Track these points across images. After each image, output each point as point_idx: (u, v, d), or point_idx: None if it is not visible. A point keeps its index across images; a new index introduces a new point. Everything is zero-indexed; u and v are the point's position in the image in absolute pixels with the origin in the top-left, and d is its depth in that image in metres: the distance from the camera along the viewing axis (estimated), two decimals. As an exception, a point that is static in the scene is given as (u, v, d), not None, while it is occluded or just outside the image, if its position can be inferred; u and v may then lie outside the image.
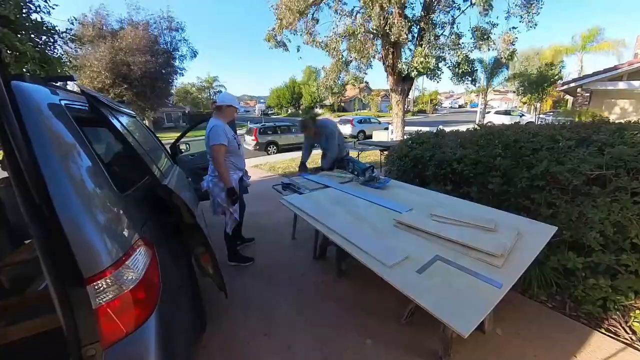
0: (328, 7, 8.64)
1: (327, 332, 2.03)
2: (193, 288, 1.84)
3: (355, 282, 2.57)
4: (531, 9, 7.61)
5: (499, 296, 1.33)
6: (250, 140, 12.29)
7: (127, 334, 0.98)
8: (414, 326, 2.02)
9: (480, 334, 1.89)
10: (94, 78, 15.53)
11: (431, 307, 1.29)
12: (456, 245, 1.77)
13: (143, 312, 1.05)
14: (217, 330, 2.07)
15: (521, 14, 7.81)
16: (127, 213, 1.16)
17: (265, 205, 4.70)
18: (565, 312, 2.08)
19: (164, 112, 30.62)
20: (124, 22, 17.57)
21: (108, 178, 1.15)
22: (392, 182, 3.11)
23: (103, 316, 0.93)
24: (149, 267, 1.12)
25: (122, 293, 0.97)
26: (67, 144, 1.04)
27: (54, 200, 0.85)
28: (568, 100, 16.34)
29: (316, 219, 2.27)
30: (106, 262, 0.94)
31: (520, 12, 7.81)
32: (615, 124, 3.03)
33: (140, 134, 2.36)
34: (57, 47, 6.03)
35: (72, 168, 1.00)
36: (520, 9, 7.79)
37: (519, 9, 7.80)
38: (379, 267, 1.59)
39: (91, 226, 0.94)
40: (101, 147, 2.13)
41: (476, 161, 2.91)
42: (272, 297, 2.45)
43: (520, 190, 2.48)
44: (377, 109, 39.89)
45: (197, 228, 1.65)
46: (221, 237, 2.95)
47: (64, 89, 1.37)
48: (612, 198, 2.00)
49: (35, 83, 1.10)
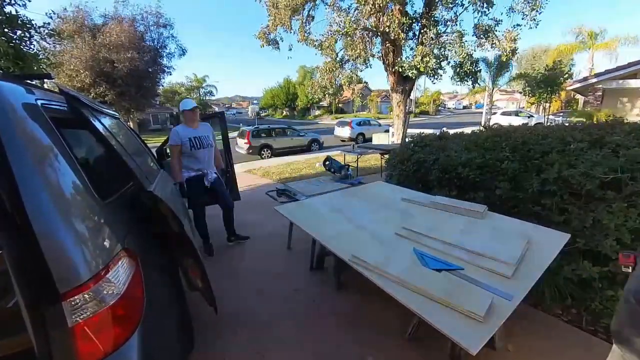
0: (324, 4, 8.75)
1: (326, 349, 2.00)
2: (180, 303, 1.81)
3: (355, 295, 2.55)
4: (535, 6, 7.78)
5: (510, 309, 1.33)
6: (242, 144, 12.27)
7: (107, 354, 0.96)
8: (418, 342, 2.00)
9: (490, 350, 1.87)
10: (73, 77, 15.47)
11: (437, 321, 1.28)
12: (462, 254, 1.77)
13: (125, 330, 1.02)
14: (205, 350, 2.03)
15: (524, 11, 7.98)
16: (108, 222, 1.14)
17: (259, 213, 4.67)
18: (581, 327, 2.07)
19: (150, 114, 30.62)
20: (107, 17, 17.59)
21: (88, 184, 1.13)
22: (377, 184, 3.70)
23: (80, 335, 0.90)
24: (132, 280, 1.10)
25: (102, 309, 0.95)
26: (43, 147, 1.02)
27: (27, 207, 0.83)
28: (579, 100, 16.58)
29: (313, 229, 2.27)
30: (84, 276, 0.91)
31: (523, 9, 7.98)
32: (630, 124, 3.06)
33: (124, 136, 2.34)
34: (34, 43, 5.98)
35: (49, 173, 0.98)
36: (523, 5, 7.95)
37: (523, 6, 7.96)
38: (382, 280, 1.58)
39: (68, 236, 0.92)
40: (81, 151, 2.10)
41: (482, 165, 2.92)
42: (266, 312, 2.42)
43: (530, 196, 2.49)
44: (377, 110, 40.21)
45: (186, 238, 1.63)
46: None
47: (40, 88, 1.36)
48: (629, 203, 2.01)
49: (9, 81, 1.09)
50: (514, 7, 8.13)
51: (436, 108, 44.00)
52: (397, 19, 7.78)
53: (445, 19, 8.54)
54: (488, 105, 21.41)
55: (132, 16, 17.79)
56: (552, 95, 16.50)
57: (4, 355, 1.36)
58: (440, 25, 8.46)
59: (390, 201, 2.94)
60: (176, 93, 36.03)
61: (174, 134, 3.15)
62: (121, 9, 17.74)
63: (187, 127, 3.19)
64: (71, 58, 15.27)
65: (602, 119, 5.62)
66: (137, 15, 18.00)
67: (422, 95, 43.82)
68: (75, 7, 16.44)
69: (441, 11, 8.39)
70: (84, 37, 15.71)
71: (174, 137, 3.12)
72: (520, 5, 8.01)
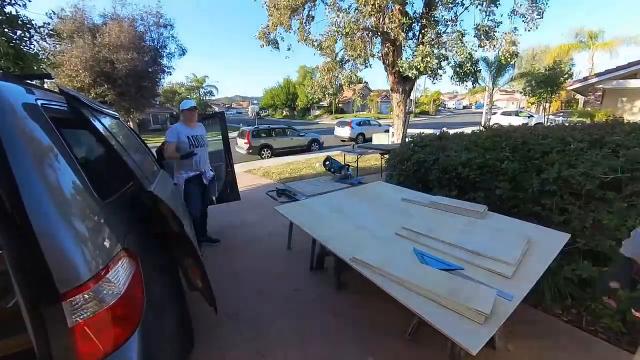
0: (324, 3, 8.75)
1: (326, 350, 2.00)
2: (180, 303, 1.81)
3: (355, 295, 2.55)
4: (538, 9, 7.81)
5: (510, 310, 1.33)
6: (242, 144, 12.26)
7: (107, 354, 0.96)
8: (418, 342, 2.00)
9: (490, 350, 1.87)
10: (73, 77, 15.46)
11: (437, 321, 1.28)
12: (462, 254, 1.77)
13: (125, 330, 1.02)
14: (205, 350, 2.03)
15: (525, 14, 8.00)
16: (108, 222, 1.14)
17: (259, 213, 4.68)
18: (581, 327, 2.07)
19: (150, 114, 30.59)
20: (107, 17, 17.58)
21: (88, 184, 1.13)
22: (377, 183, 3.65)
23: (80, 335, 0.90)
24: (132, 280, 1.10)
25: (102, 309, 0.95)
26: (43, 147, 1.02)
27: (27, 207, 0.83)
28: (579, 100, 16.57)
29: (313, 229, 2.27)
30: (84, 276, 0.91)
31: (525, 12, 8.00)
32: (630, 124, 3.06)
33: (124, 136, 2.34)
34: (34, 43, 5.98)
35: (49, 173, 0.98)
36: (527, 9, 7.97)
37: (526, 9, 7.98)
38: (382, 280, 1.59)
39: (68, 236, 0.92)
40: (81, 151, 2.10)
41: (482, 165, 2.92)
42: (266, 312, 2.42)
43: (530, 196, 2.50)
44: (377, 110, 40.20)
45: (186, 238, 1.63)
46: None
47: (41, 88, 1.36)
48: (629, 203, 2.01)
49: (9, 81, 1.09)
50: (516, 10, 8.14)
51: (436, 108, 43.98)
52: (397, 19, 7.78)
53: (445, 19, 8.53)
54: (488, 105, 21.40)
55: (131, 16, 17.78)
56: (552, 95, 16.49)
57: (5, 355, 1.36)
58: (440, 25, 8.45)
59: (390, 201, 2.94)
60: (176, 93, 36.01)
61: (172, 131, 3.19)
62: (120, 8, 17.75)
63: (186, 126, 3.24)
64: (71, 58, 15.25)
65: (602, 119, 5.61)
66: (136, 15, 18.00)
67: (422, 95, 43.81)
68: (73, 7, 16.44)
69: (441, 11, 8.39)
70: (84, 36, 15.70)
71: (172, 134, 3.16)
72: (524, 8, 8.02)
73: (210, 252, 3.45)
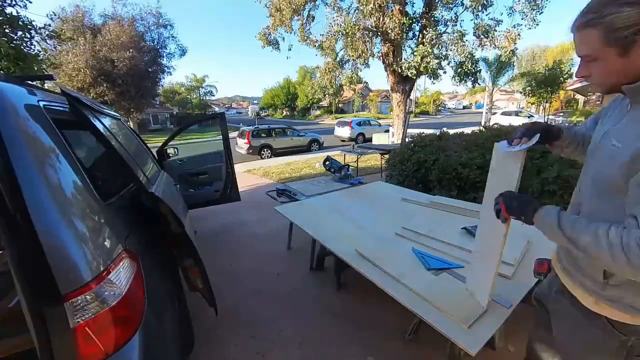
0: (325, 4, 8.76)
1: (326, 349, 2.01)
2: (180, 304, 1.81)
3: (355, 295, 2.55)
4: (536, 6, 7.80)
5: (510, 310, 1.33)
6: (242, 144, 12.27)
7: (108, 355, 0.96)
8: (418, 342, 2.00)
9: (490, 350, 1.88)
10: (73, 77, 15.47)
11: (436, 322, 1.28)
12: (462, 254, 1.77)
13: (126, 331, 1.02)
14: (205, 351, 2.03)
15: (524, 11, 7.99)
16: (110, 223, 1.14)
17: (259, 213, 4.68)
18: (580, 326, 2.07)
19: (150, 114, 30.62)
20: (107, 17, 17.60)
21: (90, 185, 1.14)
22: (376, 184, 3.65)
23: (81, 336, 0.91)
24: (133, 281, 1.10)
25: (103, 310, 0.95)
26: (45, 148, 1.03)
27: (29, 208, 0.83)
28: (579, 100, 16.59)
29: (313, 229, 2.28)
30: (86, 277, 0.92)
31: (524, 9, 8.00)
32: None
33: (125, 137, 2.34)
34: (35, 44, 6.01)
35: (51, 174, 0.98)
36: (524, 5, 7.97)
37: (524, 6, 7.98)
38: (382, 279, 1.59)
39: (70, 237, 0.93)
40: (83, 152, 2.11)
41: (482, 165, 2.93)
42: (266, 313, 2.43)
43: (530, 195, 2.50)
44: (377, 110, 40.20)
45: (186, 239, 1.63)
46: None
47: (42, 89, 1.36)
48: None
49: (11, 82, 1.09)
50: (514, 8, 8.14)
51: (436, 108, 43.97)
52: (398, 19, 7.79)
53: (445, 19, 8.55)
54: (488, 105, 21.43)
55: (131, 16, 17.81)
56: (552, 95, 16.50)
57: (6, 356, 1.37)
58: (440, 25, 8.47)
59: (390, 201, 2.94)
60: (176, 93, 36.01)
61: None
62: (120, 8, 17.77)
63: None
64: (71, 57, 15.26)
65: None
66: (136, 15, 18.02)
67: (422, 95, 43.82)
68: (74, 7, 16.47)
69: (441, 11, 8.40)
70: (84, 35, 15.71)
71: None
72: (521, 5, 8.02)
73: (211, 252, 3.45)
